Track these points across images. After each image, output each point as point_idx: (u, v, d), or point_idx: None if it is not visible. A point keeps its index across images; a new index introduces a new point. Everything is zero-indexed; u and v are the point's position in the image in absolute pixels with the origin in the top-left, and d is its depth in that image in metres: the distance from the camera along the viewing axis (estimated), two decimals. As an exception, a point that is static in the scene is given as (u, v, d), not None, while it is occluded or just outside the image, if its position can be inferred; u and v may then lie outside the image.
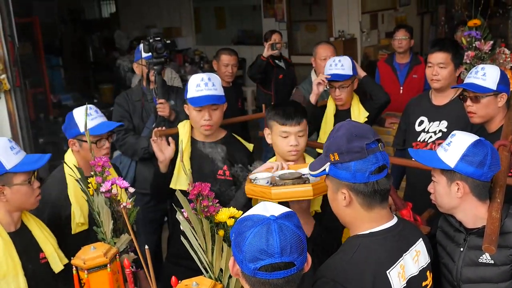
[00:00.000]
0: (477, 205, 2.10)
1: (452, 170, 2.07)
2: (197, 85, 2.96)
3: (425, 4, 11.27)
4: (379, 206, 1.81)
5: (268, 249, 1.42)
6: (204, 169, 3.04)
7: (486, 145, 2.04)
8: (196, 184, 1.87)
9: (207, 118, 2.97)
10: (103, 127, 2.79)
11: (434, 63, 3.42)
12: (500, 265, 2.07)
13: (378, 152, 1.76)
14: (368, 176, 1.76)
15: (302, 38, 10.50)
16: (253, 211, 1.52)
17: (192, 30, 11.89)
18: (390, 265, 1.77)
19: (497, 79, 2.90)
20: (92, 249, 2.04)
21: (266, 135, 2.70)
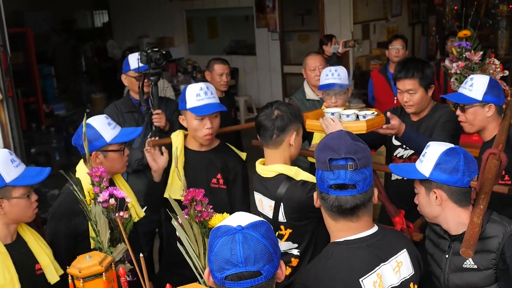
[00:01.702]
0: (458, 211, 2.13)
1: (428, 179, 2.11)
2: (197, 95, 2.98)
3: (416, 15, 11.37)
4: (343, 219, 1.84)
5: (232, 259, 1.44)
6: (198, 178, 3.04)
7: (459, 152, 2.08)
8: (190, 190, 1.90)
9: (209, 126, 2.99)
10: (125, 134, 2.78)
11: (403, 90, 3.36)
12: (483, 269, 2.11)
13: (343, 170, 1.78)
14: (327, 189, 1.82)
15: (294, 48, 10.56)
16: (225, 221, 1.54)
17: (185, 39, 11.93)
18: (364, 273, 1.80)
19: (484, 89, 2.92)
20: (88, 258, 2.04)
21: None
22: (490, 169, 2.30)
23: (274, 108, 2.60)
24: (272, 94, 10.89)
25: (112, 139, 2.68)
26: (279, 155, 2.58)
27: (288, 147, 2.58)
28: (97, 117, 2.75)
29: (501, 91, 2.97)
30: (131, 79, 3.98)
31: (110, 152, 2.70)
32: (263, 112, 2.60)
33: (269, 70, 10.82)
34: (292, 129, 2.56)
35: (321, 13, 9.86)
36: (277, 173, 2.54)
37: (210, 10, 11.50)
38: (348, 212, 1.82)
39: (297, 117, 2.61)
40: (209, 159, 3.09)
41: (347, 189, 1.79)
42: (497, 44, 9.78)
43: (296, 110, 2.69)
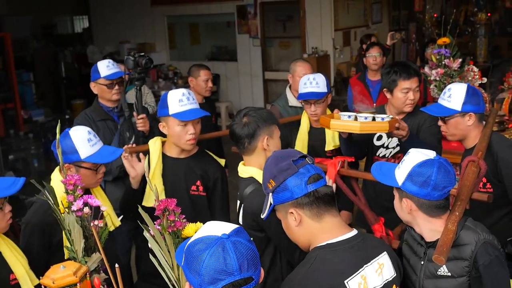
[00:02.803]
0: (429, 220, 2.13)
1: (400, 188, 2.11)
2: (179, 100, 2.96)
3: (397, 22, 11.48)
4: (328, 214, 1.89)
5: (227, 268, 1.42)
6: (177, 185, 3.02)
7: (433, 166, 2.04)
8: (162, 199, 1.87)
9: (192, 131, 2.98)
10: (103, 155, 2.69)
11: (411, 88, 3.43)
12: (457, 277, 2.11)
13: (307, 164, 1.89)
14: (305, 187, 1.86)
15: (276, 54, 10.58)
16: (202, 232, 1.51)
17: (166, 45, 11.89)
18: (348, 275, 1.81)
19: (463, 99, 2.92)
20: (62, 268, 2.00)
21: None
22: (469, 176, 2.30)
23: (242, 115, 2.62)
24: (253, 100, 10.89)
25: (86, 157, 2.62)
26: (254, 161, 2.61)
27: (263, 152, 2.60)
28: (80, 130, 2.69)
29: (480, 98, 2.97)
30: (101, 87, 3.92)
31: (83, 168, 2.64)
32: (233, 121, 2.64)
33: (251, 76, 10.82)
34: (263, 134, 2.58)
35: (302, 20, 9.91)
36: (250, 175, 2.58)
37: (191, 16, 11.48)
38: (331, 202, 1.89)
39: (268, 120, 2.62)
40: (188, 166, 3.07)
41: (320, 178, 1.89)
42: (476, 51, 9.89)
43: (267, 112, 2.70)
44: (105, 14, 12.25)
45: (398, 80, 3.44)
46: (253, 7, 10.37)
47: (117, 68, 3.98)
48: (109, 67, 3.91)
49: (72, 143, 2.61)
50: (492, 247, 2.09)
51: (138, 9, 11.76)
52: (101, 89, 3.93)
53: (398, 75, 3.44)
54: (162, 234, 1.84)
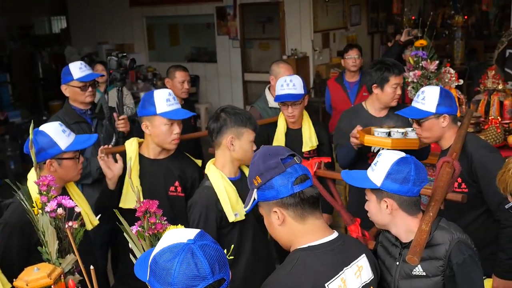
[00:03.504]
0: (408, 220, 2.15)
1: (379, 188, 2.13)
2: (167, 100, 2.99)
3: (375, 24, 11.56)
4: (311, 217, 1.87)
5: (200, 273, 1.41)
6: (155, 186, 3.02)
7: (409, 162, 2.10)
8: (144, 201, 1.86)
9: (177, 131, 3.02)
10: (80, 142, 2.72)
11: (399, 83, 3.62)
12: (431, 276, 2.14)
13: (295, 164, 1.86)
14: (291, 188, 1.84)
15: (255, 55, 10.58)
16: (166, 242, 1.49)
17: (145, 46, 11.82)
18: (329, 278, 1.82)
19: (437, 101, 2.97)
20: (36, 270, 1.97)
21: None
22: (443, 177, 2.33)
23: (220, 111, 2.76)
24: (233, 101, 10.87)
25: (67, 147, 2.63)
26: (218, 156, 2.76)
27: (227, 150, 2.72)
28: (51, 124, 2.69)
29: (453, 100, 3.02)
30: (74, 89, 3.86)
31: (65, 160, 2.64)
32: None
33: (230, 78, 10.81)
34: (229, 132, 2.69)
35: (281, 21, 9.93)
36: (207, 170, 2.75)
37: (171, 17, 11.42)
38: (316, 204, 1.88)
39: (241, 122, 2.71)
40: (166, 167, 3.07)
41: (306, 180, 1.86)
42: (453, 54, 9.99)
43: (246, 115, 2.76)
44: (83, 14, 12.13)
45: (390, 76, 3.59)
46: (232, 8, 10.36)
47: (90, 70, 3.94)
48: (82, 69, 3.86)
49: (49, 137, 2.60)
50: (465, 246, 2.12)
51: (116, 9, 11.67)
52: (74, 92, 3.87)
53: (391, 71, 3.59)
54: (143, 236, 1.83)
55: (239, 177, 2.82)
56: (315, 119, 4.14)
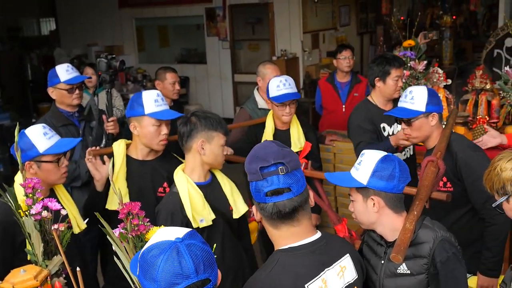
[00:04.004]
0: (394, 218, 2.17)
1: (366, 187, 2.14)
2: (155, 101, 2.99)
3: (365, 25, 11.61)
4: (285, 225, 1.86)
5: (183, 271, 1.42)
6: (143, 188, 3.02)
7: (393, 159, 2.13)
8: (126, 203, 1.86)
9: (165, 132, 3.02)
10: (61, 145, 2.69)
11: (400, 76, 3.80)
12: (416, 274, 2.15)
13: (276, 175, 1.81)
14: (264, 198, 1.83)
15: (245, 56, 10.60)
16: (155, 239, 1.52)
17: (135, 48, 11.80)
18: (309, 279, 1.82)
19: (426, 100, 3.00)
20: (22, 272, 1.97)
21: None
22: (427, 176, 2.34)
23: (190, 115, 2.75)
24: (223, 102, 10.88)
25: (45, 150, 2.60)
26: (188, 161, 2.75)
27: (197, 154, 2.71)
28: (34, 127, 2.67)
29: (439, 99, 3.07)
30: (61, 91, 3.83)
31: (44, 163, 2.62)
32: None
33: (220, 79, 10.81)
34: (199, 136, 2.68)
35: (271, 22, 9.95)
36: (175, 174, 2.75)
37: (160, 19, 11.41)
38: (288, 217, 1.84)
39: (212, 126, 2.70)
40: (154, 168, 3.07)
41: (282, 193, 1.82)
42: (442, 54, 10.06)
43: (216, 119, 2.75)
44: (72, 16, 12.10)
45: (391, 69, 3.76)
46: (222, 9, 10.37)
47: (77, 72, 3.92)
48: (69, 72, 3.84)
49: (28, 139, 2.59)
50: (449, 244, 2.14)
51: (106, 11, 11.65)
52: (61, 94, 3.84)
53: (391, 64, 3.77)
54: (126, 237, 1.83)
55: (209, 181, 2.81)
56: (304, 120, 4.15)
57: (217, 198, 2.78)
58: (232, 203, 2.82)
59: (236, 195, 2.87)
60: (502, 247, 2.86)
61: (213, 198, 2.75)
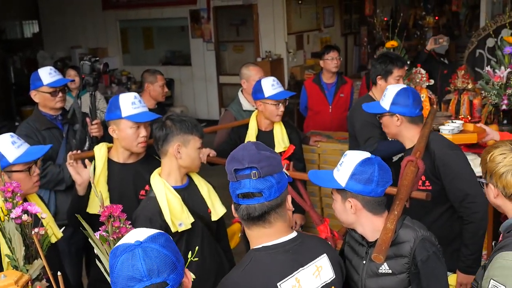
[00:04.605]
0: (373, 219, 2.18)
1: (344, 189, 2.15)
2: (132, 103, 2.97)
3: (349, 26, 11.67)
4: (256, 227, 1.89)
5: (136, 275, 1.43)
6: (125, 191, 3.00)
7: (373, 163, 2.13)
8: (107, 206, 1.85)
9: (144, 134, 3.00)
10: (30, 153, 2.63)
11: (402, 76, 3.87)
12: (397, 274, 2.17)
13: (248, 179, 1.82)
14: (236, 199, 1.87)
15: (230, 58, 10.60)
16: (122, 240, 1.53)
17: (119, 50, 11.75)
18: (281, 278, 1.84)
19: (391, 99, 3.00)
20: (3, 277, 1.95)
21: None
22: (407, 176, 2.36)
23: (165, 119, 2.73)
24: (208, 104, 10.87)
25: (15, 159, 2.54)
26: (165, 165, 2.74)
27: (174, 158, 2.70)
28: (1, 136, 2.61)
29: (410, 101, 2.97)
30: (44, 95, 3.79)
31: (15, 172, 2.56)
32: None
33: (205, 81, 10.80)
34: (175, 140, 2.68)
35: (255, 24, 9.96)
36: (152, 179, 2.74)
37: (145, 21, 11.38)
38: (257, 219, 1.86)
39: (188, 129, 2.69)
40: (136, 171, 3.05)
41: (253, 197, 1.83)
42: (425, 54, 10.11)
43: (192, 122, 2.75)
44: (56, 18, 12.01)
45: (394, 68, 3.83)
46: (206, 11, 10.37)
47: (60, 75, 3.89)
48: (52, 74, 3.80)
49: None
50: (429, 243, 2.16)
51: (89, 13, 11.58)
52: (44, 97, 3.80)
53: (394, 64, 3.82)
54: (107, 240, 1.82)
55: (187, 185, 2.80)
56: (288, 121, 4.16)
57: (195, 201, 2.77)
58: (210, 206, 2.81)
59: (214, 198, 2.86)
60: (480, 244, 2.88)
61: (191, 201, 2.74)
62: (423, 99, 4.98)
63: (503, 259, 1.88)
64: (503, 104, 4.37)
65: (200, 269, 2.63)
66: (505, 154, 1.99)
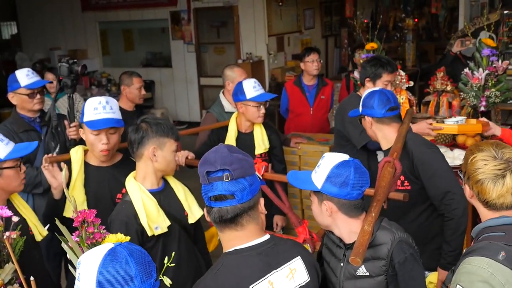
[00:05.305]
0: (349, 221, 2.18)
1: (320, 191, 2.14)
2: (94, 108, 2.88)
3: (329, 28, 11.71)
4: (228, 230, 1.87)
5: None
6: (101, 194, 2.96)
7: (350, 166, 2.12)
8: (81, 211, 1.82)
9: (104, 141, 2.90)
10: (20, 150, 2.60)
11: (391, 81, 3.84)
12: (375, 276, 2.17)
13: (220, 181, 1.81)
14: (208, 201, 1.85)
15: (210, 60, 10.57)
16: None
17: (99, 52, 11.65)
18: (254, 280, 1.83)
19: (362, 102, 3.05)
20: (-26, 283, 1.91)
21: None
22: (384, 177, 2.36)
23: (140, 121, 2.69)
24: (189, 106, 10.82)
25: (6, 156, 2.52)
26: (140, 168, 2.70)
27: (149, 161, 2.66)
28: None
29: (376, 102, 2.99)
30: (22, 96, 3.75)
31: (6, 169, 2.54)
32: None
33: (186, 82, 10.76)
34: (150, 143, 2.64)
35: (236, 25, 9.95)
36: (127, 182, 2.70)
37: (125, 22, 11.30)
38: (229, 222, 1.84)
39: (163, 132, 2.66)
40: (112, 174, 3.01)
41: (225, 200, 1.82)
42: (405, 56, 10.21)
43: (167, 125, 2.71)
44: (34, 20, 11.88)
45: (383, 72, 3.78)
46: (186, 12, 10.33)
47: (37, 76, 3.85)
48: (29, 76, 3.76)
49: None
50: (407, 245, 2.16)
51: (68, 14, 11.47)
52: (22, 99, 3.76)
53: (384, 68, 3.78)
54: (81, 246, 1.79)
55: (163, 188, 2.77)
56: (269, 123, 4.15)
57: (171, 204, 2.74)
58: (187, 208, 2.78)
59: (191, 200, 2.83)
60: (461, 240, 2.90)
61: (167, 204, 2.71)
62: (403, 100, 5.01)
63: (469, 264, 1.88)
64: (481, 106, 4.41)
65: (177, 272, 2.60)
66: (487, 161, 1.95)
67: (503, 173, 1.91)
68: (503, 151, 1.96)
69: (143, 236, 2.60)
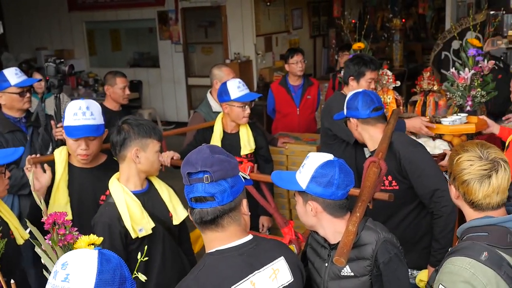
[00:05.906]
0: (334, 221, 2.17)
1: (304, 191, 2.13)
2: (74, 114, 2.83)
3: (317, 28, 11.73)
4: (208, 231, 1.87)
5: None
6: (85, 196, 2.93)
7: (334, 166, 2.11)
8: (51, 213, 1.80)
9: (83, 147, 2.86)
10: (4, 156, 2.52)
11: (374, 79, 3.86)
12: (359, 276, 2.16)
13: (200, 183, 1.80)
14: (190, 202, 1.85)
15: (198, 60, 10.55)
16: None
17: (86, 52, 11.59)
18: (236, 281, 1.82)
19: (346, 103, 3.06)
20: (-47, 287, 1.88)
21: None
22: (369, 177, 2.35)
23: (122, 123, 2.65)
24: (176, 106, 10.79)
25: None
26: (123, 170, 2.67)
27: (132, 163, 2.64)
28: None
29: (360, 103, 3.00)
30: (12, 95, 3.71)
31: None
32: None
33: (173, 82, 10.72)
34: (133, 145, 2.61)
35: (224, 25, 9.93)
36: (110, 184, 2.67)
37: (112, 22, 11.25)
38: (210, 223, 1.84)
39: (146, 133, 2.63)
40: (96, 176, 2.97)
41: (205, 201, 1.81)
42: (392, 56, 10.25)
43: (149, 125, 2.68)
44: (21, 19, 11.79)
45: (366, 70, 3.79)
46: (174, 12, 10.30)
47: (25, 75, 3.83)
48: (18, 75, 3.74)
49: None
50: (391, 245, 2.16)
51: (55, 14, 11.40)
52: (11, 98, 3.72)
53: (367, 66, 3.79)
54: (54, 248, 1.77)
55: (147, 189, 2.74)
56: (255, 123, 4.13)
57: (155, 206, 2.71)
58: (172, 209, 2.75)
59: (175, 201, 2.80)
60: (450, 238, 2.90)
61: (151, 206, 2.68)
62: (390, 100, 5.01)
63: (451, 264, 1.88)
64: (468, 105, 4.42)
65: (162, 274, 2.58)
66: (472, 161, 1.93)
67: (489, 173, 1.91)
68: (488, 151, 1.95)
69: (127, 238, 2.57)
